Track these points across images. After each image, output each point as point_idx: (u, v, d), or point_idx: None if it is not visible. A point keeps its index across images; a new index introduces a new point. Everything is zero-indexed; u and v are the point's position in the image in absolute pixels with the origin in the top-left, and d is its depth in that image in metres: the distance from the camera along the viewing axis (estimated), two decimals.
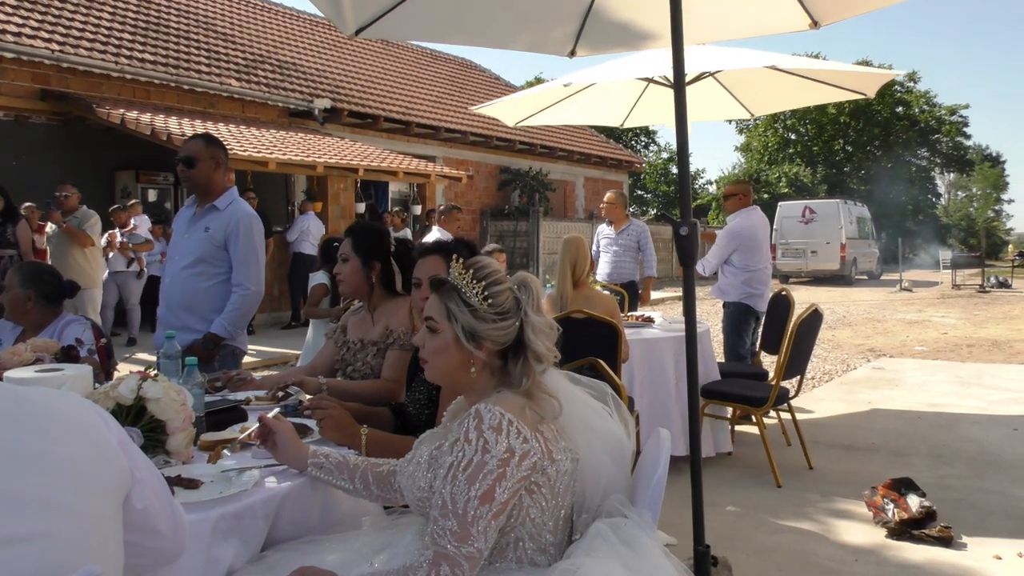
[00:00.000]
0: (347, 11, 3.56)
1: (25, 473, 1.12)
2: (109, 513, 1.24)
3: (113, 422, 1.33)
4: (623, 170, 22.82)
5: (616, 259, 6.98)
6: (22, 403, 1.20)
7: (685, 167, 2.80)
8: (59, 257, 7.40)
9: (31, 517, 1.10)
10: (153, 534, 1.36)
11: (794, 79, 5.75)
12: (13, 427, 1.15)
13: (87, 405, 1.30)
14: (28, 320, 3.24)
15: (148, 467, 1.37)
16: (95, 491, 1.20)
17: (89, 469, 1.20)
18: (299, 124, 13.21)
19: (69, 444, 1.19)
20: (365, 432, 2.19)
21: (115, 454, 1.26)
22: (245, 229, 3.59)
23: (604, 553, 1.55)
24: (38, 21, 10.37)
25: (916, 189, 39.35)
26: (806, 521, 3.93)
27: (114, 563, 1.25)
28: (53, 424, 1.20)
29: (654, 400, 4.64)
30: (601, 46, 4.30)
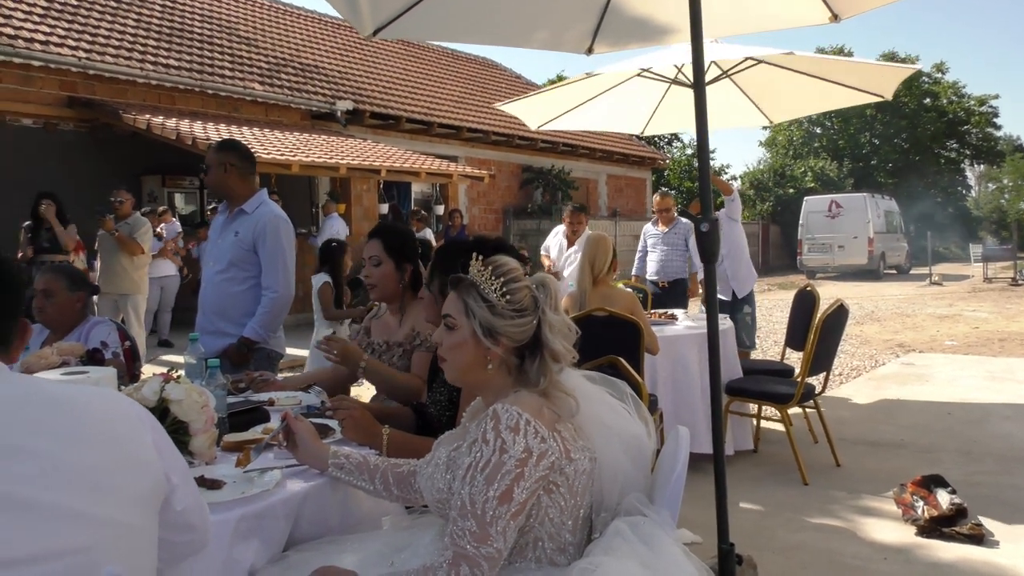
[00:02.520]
0: (364, 12, 3.57)
1: (57, 485, 1.11)
2: (142, 522, 1.23)
3: (150, 420, 1.32)
4: (646, 167, 22.72)
5: (665, 257, 7.09)
6: (59, 407, 1.18)
7: (705, 163, 2.78)
8: (108, 262, 7.48)
9: (64, 531, 1.09)
10: (186, 530, 1.38)
11: (812, 83, 5.69)
12: (47, 434, 1.14)
13: (127, 407, 1.29)
14: (68, 323, 3.25)
15: (183, 468, 1.37)
16: (130, 500, 1.20)
17: (124, 478, 1.19)
18: (322, 126, 13.29)
19: (105, 452, 1.18)
20: (387, 432, 2.20)
21: (151, 462, 1.25)
22: (272, 231, 3.60)
23: (623, 552, 1.55)
24: (65, 29, 10.52)
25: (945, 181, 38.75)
26: (832, 519, 3.89)
27: (149, 566, 1.26)
28: (88, 432, 1.18)
29: (677, 398, 4.62)
30: (619, 42, 4.28)
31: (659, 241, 7.14)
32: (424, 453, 2.00)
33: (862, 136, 37.73)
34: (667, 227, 7.12)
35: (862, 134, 37.70)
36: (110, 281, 7.42)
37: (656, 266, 7.12)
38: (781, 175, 31.51)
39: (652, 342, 4.10)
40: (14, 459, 1.09)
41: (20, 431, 1.12)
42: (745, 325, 6.06)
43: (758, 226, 27.19)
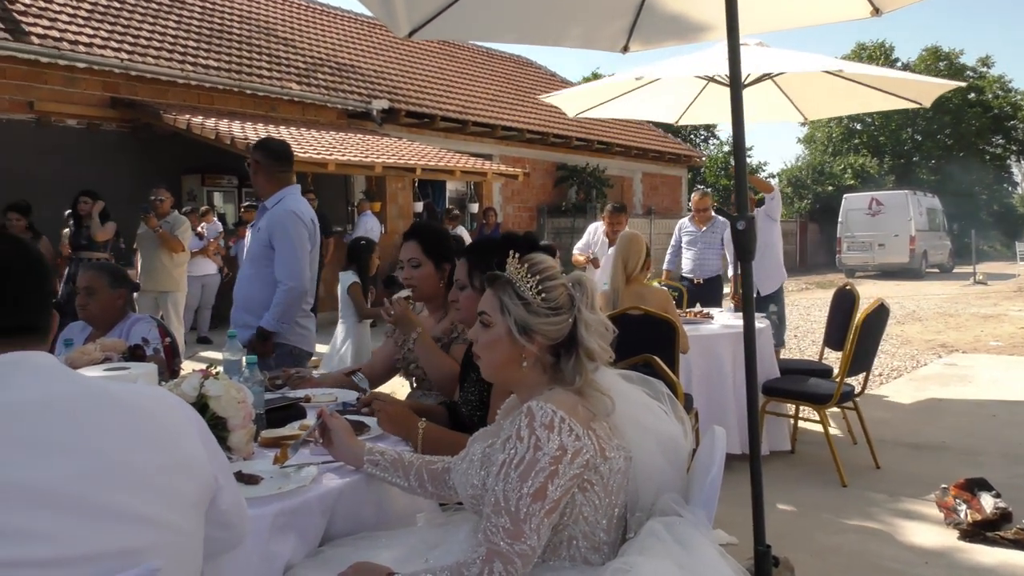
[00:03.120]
0: (399, 13, 3.59)
1: (114, 485, 1.11)
2: (193, 525, 1.24)
3: (198, 420, 1.33)
4: (682, 164, 22.54)
5: (701, 255, 7.15)
6: (115, 407, 1.19)
7: (742, 162, 2.75)
8: (148, 259, 7.60)
9: (119, 532, 1.10)
10: (225, 527, 1.39)
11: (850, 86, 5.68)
12: (105, 434, 1.15)
13: (177, 407, 1.29)
14: (110, 320, 3.31)
15: (227, 468, 1.38)
16: (182, 504, 1.21)
17: (177, 481, 1.20)
18: (357, 125, 13.40)
19: (160, 454, 1.19)
20: (422, 426, 2.22)
21: (202, 464, 1.26)
22: (282, 225, 3.70)
23: (658, 552, 1.54)
24: (108, 31, 10.74)
25: (990, 178, 37.85)
26: (871, 521, 3.83)
27: (194, 569, 1.27)
28: (145, 432, 1.19)
29: (712, 398, 4.58)
30: (654, 40, 4.24)
31: (696, 239, 7.18)
32: (458, 449, 2.02)
33: (904, 132, 37.03)
34: (704, 225, 7.16)
35: (904, 130, 37.00)
36: (151, 278, 7.56)
37: (692, 264, 7.19)
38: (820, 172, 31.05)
39: (683, 341, 4.08)
40: (69, 457, 1.09)
41: (76, 429, 1.12)
42: (772, 323, 6.02)
43: (796, 224, 26.83)
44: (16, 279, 1.20)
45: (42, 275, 1.25)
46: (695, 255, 7.18)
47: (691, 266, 7.19)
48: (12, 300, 1.20)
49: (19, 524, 1.02)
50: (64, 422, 1.12)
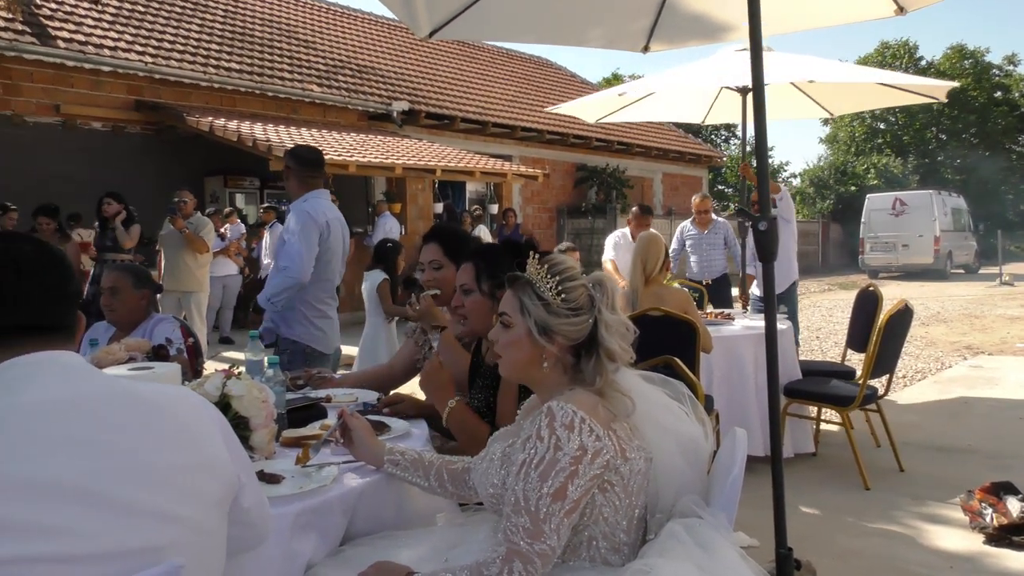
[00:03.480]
0: (420, 13, 3.61)
1: (139, 483, 1.13)
2: (216, 523, 1.26)
3: (221, 420, 1.35)
4: (703, 165, 22.43)
5: (706, 256, 7.24)
6: (140, 406, 1.21)
7: (764, 162, 2.74)
8: (171, 260, 7.68)
9: (145, 529, 1.12)
10: (247, 525, 1.40)
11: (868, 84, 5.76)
12: (130, 432, 1.16)
13: (200, 407, 1.31)
14: (134, 320, 3.35)
15: (249, 466, 1.39)
16: (205, 502, 1.22)
17: (201, 480, 1.22)
18: (378, 127, 13.45)
19: (184, 453, 1.20)
20: (453, 402, 2.30)
21: (225, 463, 1.28)
22: (293, 219, 3.85)
23: (678, 554, 1.53)
24: (132, 35, 10.87)
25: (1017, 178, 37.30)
26: (895, 525, 3.79)
27: (219, 563, 1.28)
28: (169, 431, 1.21)
29: (733, 399, 4.55)
30: (676, 40, 4.23)
31: (699, 241, 7.28)
32: (479, 437, 2.08)
33: (928, 132, 36.60)
34: (706, 228, 7.27)
35: (928, 129, 36.57)
36: (174, 279, 7.63)
37: (698, 266, 7.30)
38: (842, 172, 30.75)
39: (706, 340, 4.07)
40: (93, 455, 1.11)
41: (101, 427, 1.14)
42: None
43: (818, 225, 26.61)
44: (38, 279, 1.22)
45: (65, 276, 1.26)
46: (701, 257, 7.27)
47: (698, 268, 7.29)
48: (35, 300, 1.21)
49: (43, 521, 1.04)
50: (90, 421, 1.14)
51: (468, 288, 2.46)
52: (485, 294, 2.42)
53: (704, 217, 7.26)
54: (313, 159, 3.96)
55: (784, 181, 37.28)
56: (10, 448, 1.07)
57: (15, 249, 1.22)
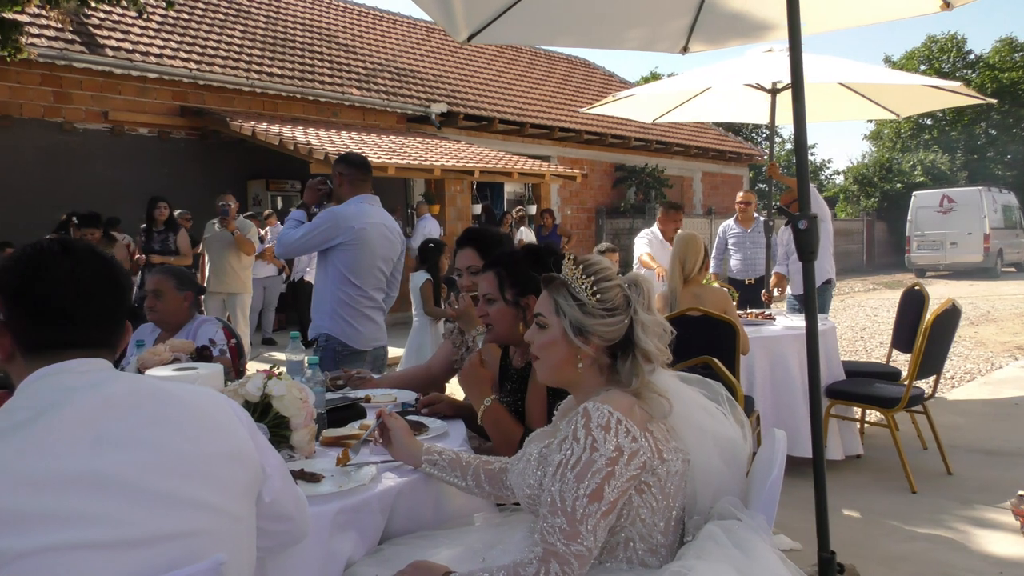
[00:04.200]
0: (459, 18, 3.63)
1: (170, 472, 1.19)
2: (245, 510, 1.31)
3: (246, 416, 1.40)
4: (743, 163, 22.17)
5: (750, 255, 7.17)
6: (167, 401, 1.27)
7: (803, 160, 2.70)
8: (217, 262, 7.81)
9: (176, 515, 1.18)
10: (281, 519, 1.44)
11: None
12: (159, 426, 1.23)
13: (224, 403, 1.37)
14: (178, 322, 3.43)
15: (275, 459, 1.44)
16: (233, 490, 1.27)
17: (229, 469, 1.27)
18: (417, 129, 13.54)
19: (210, 444, 1.26)
20: (490, 400, 2.31)
21: (250, 453, 1.33)
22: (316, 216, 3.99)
23: (716, 556, 1.52)
24: (177, 42, 11.10)
25: None
26: (943, 529, 3.70)
27: (248, 555, 1.32)
28: (195, 424, 1.27)
29: (777, 400, 4.49)
30: (716, 40, 4.19)
31: (743, 239, 7.21)
32: (513, 437, 2.14)
33: (977, 127, 35.67)
34: (749, 226, 7.22)
35: (977, 124, 35.64)
36: (219, 280, 7.77)
37: (741, 264, 7.22)
38: (888, 169, 30.12)
39: (744, 341, 4.03)
40: (129, 448, 1.18)
41: (133, 423, 1.21)
42: None
43: (863, 223, 26.12)
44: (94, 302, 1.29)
45: (119, 299, 1.33)
46: (744, 256, 7.19)
47: (740, 267, 7.21)
48: (87, 321, 1.28)
49: (85, 509, 1.11)
50: (124, 418, 1.20)
51: (491, 297, 2.47)
52: (508, 302, 2.43)
53: (747, 213, 7.20)
54: (362, 163, 4.10)
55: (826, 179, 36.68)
56: (51, 446, 1.14)
57: (79, 269, 1.28)
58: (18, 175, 9.07)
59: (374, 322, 4.07)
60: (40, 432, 1.15)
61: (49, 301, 1.25)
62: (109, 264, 1.32)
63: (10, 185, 8.94)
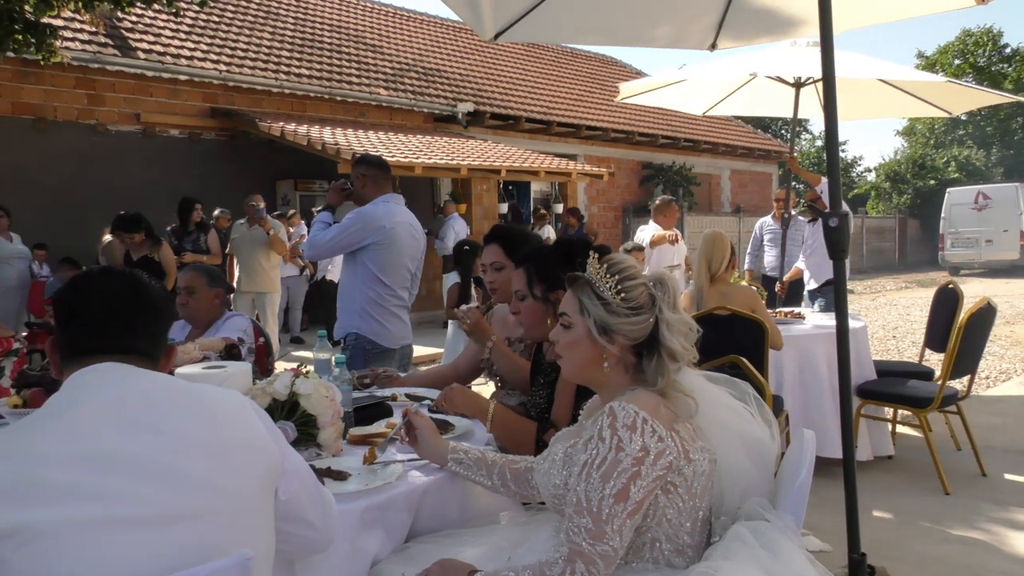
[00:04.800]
0: (485, 16, 3.63)
1: (189, 455, 1.26)
2: (261, 498, 1.36)
3: (266, 417, 1.45)
4: (772, 160, 21.95)
5: (785, 251, 7.04)
6: (187, 393, 1.36)
7: (834, 156, 2.67)
8: (246, 262, 7.88)
9: (194, 495, 1.24)
10: (301, 523, 1.47)
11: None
12: (179, 413, 1.31)
13: (243, 400, 1.44)
14: (208, 318, 3.48)
15: (297, 461, 1.48)
16: (248, 475, 1.33)
17: (244, 454, 1.34)
18: (443, 128, 13.58)
19: (227, 430, 1.34)
20: (493, 406, 2.32)
21: (267, 444, 1.39)
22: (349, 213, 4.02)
23: (743, 557, 1.50)
24: (207, 45, 11.23)
25: None
26: (976, 531, 3.64)
27: (264, 547, 1.36)
28: (213, 412, 1.35)
29: (806, 400, 4.45)
30: (744, 36, 4.15)
31: (778, 236, 7.15)
32: (526, 435, 2.16)
33: (1014, 121, 34.99)
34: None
35: (1014, 119, 34.97)
36: (249, 280, 7.84)
37: (776, 261, 7.15)
38: (921, 166, 29.66)
39: (777, 337, 3.99)
40: (149, 432, 1.26)
41: (154, 410, 1.30)
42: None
43: (895, 220, 25.76)
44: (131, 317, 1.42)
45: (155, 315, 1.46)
46: (778, 253, 7.08)
47: (775, 264, 7.15)
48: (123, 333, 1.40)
49: (104, 485, 1.19)
50: (146, 405, 1.31)
51: (522, 294, 2.49)
52: (539, 299, 2.44)
53: (782, 208, 7.14)
54: (382, 163, 4.14)
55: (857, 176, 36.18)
56: (75, 429, 1.24)
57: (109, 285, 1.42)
58: (53, 176, 9.23)
59: (402, 320, 4.10)
60: (67, 418, 1.25)
61: (79, 312, 1.40)
62: (139, 285, 1.45)
63: (45, 186, 9.10)
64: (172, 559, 1.18)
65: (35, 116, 9.21)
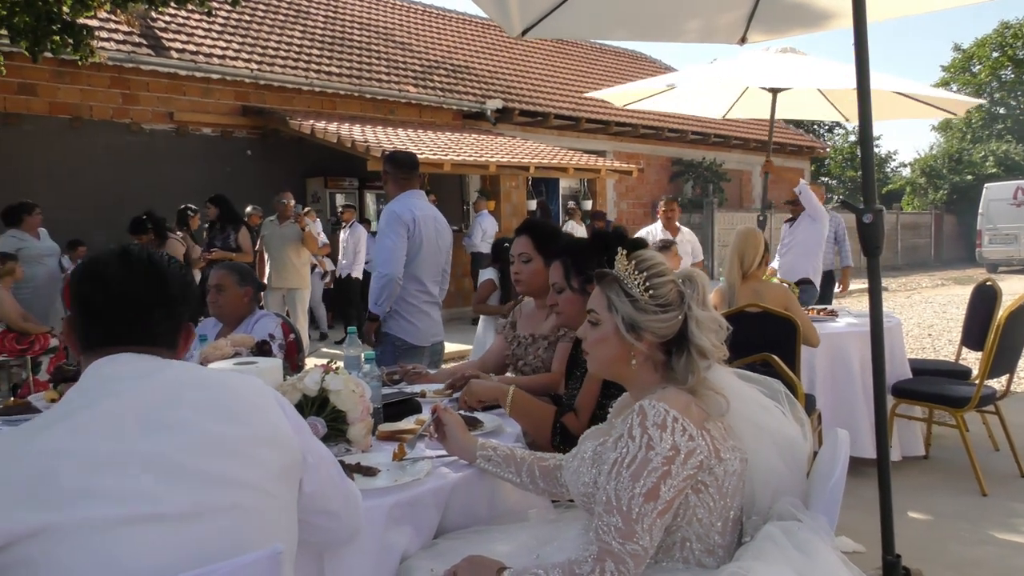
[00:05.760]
0: (513, 13, 3.62)
1: (208, 452, 1.25)
2: (284, 492, 1.35)
3: (291, 409, 1.44)
4: (804, 156, 21.68)
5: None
6: (207, 387, 1.34)
7: (869, 151, 2.63)
8: (277, 259, 7.95)
9: (213, 493, 1.23)
10: (325, 514, 1.47)
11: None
12: (198, 409, 1.29)
13: (266, 391, 1.42)
14: (238, 316, 3.51)
15: (321, 453, 1.47)
16: (269, 470, 1.32)
17: (265, 450, 1.32)
18: (472, 125, 13.60)
19: (247, 425, 1.32)
20: (512, 391, 2.36)
21: (289, 438, 1.38)
22: (380, 221, 4.08)
23: (775, 558, 1.48)
24: (239, 44, 11.35)
25: None
26: (1015, 534, 3.56)
27: (288, 540, 1.36)
28: (234, 406, 1.33)
29: (838, 399, 4.38)
30: (775, 29, 4.10)
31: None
32: (545, 420, 2.22)
33: None
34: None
35: None
36: (280, 276, 7.91)
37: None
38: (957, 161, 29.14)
39: (812, 334, 3.94)
40: (170, 431, 1.24)
41: (174, 408, 1.28)
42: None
43: (930, 216, 25.33)
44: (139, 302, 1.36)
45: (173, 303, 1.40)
46: None
47: None
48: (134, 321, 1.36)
49: (125, 486, 1.18)
50: (167, 403, 1.28)
51: (560, 287, 2.53)
52: (576, 290, 2.47)
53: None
54: (407, 162, 4.14)
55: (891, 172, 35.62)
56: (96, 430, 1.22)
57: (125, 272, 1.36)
58: (88, 175, 9.39)
59: (431, 317, 4.11)
60: (87, 417, 1.23)
61: (93, 302, 1.35)
62: (161, 271, 1.39)
63: (81, 184, 9.26)
64: (194, 556, 1.18)
65: (71, 115, 9.37)
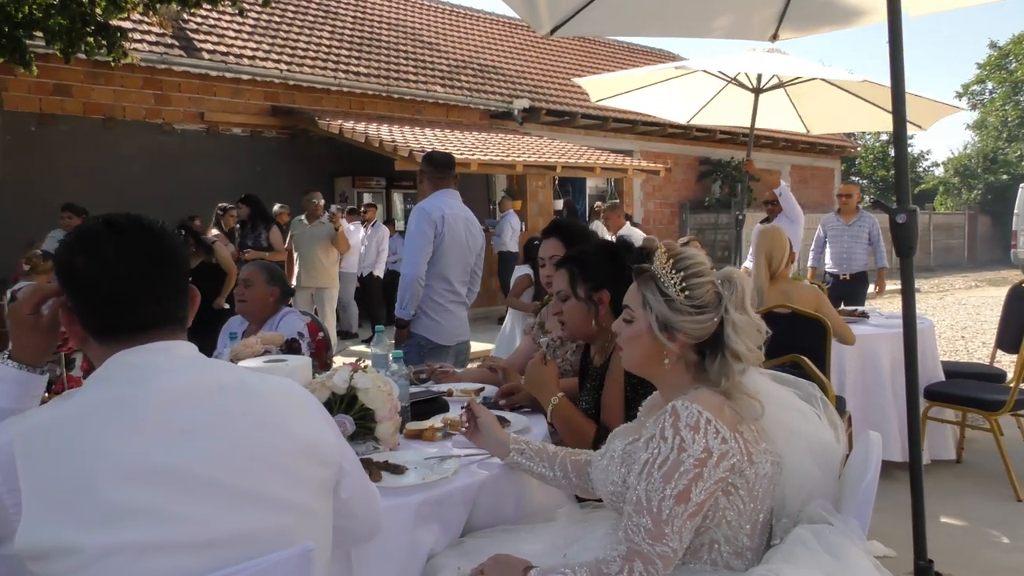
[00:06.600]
0: (542, 11, 3.62)
1: (243, 467, 1.18)
2: (321, 506, 1.31)
3: (326, 413, 1.41)
4: (834, 155, 21.43)
5: (847, 248, 7.05)
6: (247, 395, 1.25)
7: (903, 150, 2.59)
8: (306, 257, 8.02)
9: (248, 513, 1.17)
10: (351, 517, 1.45)
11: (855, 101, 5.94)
12: (234, 419, 1.22)
13: (306, 398, 1.36)
14: (265, 315, 3.55)
15: (352, 456, 1.45)
16: (308, 486, 1.27)
17: (303, 464, 1.26)
18: (499, 125, 13.61)
19: (286, 438, 1.25)
20: (557, 398, 2.31)
21: (330, 449, 1.32)
22: (409, 220, 4.08)
23: (805, 561, 1.47)
24: (269, 45, 11.46)
25: None
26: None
27: (323, 550, 1.33)
28: (276, 418, 1.26)
29: (868, 401, 4.32)
30: (807, 26, 4.06)
31: (841, 232, 7.07)
32: (583, 435, 2.17)
33: None
34: (850, 220, 7.07)
35: None
36: (309, 275, 7.98)
37: (837, 258, 7.07)
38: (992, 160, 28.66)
39: (846, 333, 3.90)
40: (202, 441, 1.16)
41: (217, 415, 1.20)
42: None
43: (964, 217, 24.92)
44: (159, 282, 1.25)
45: (180, 273, 1.30)
46: (840, 249, 7.03)
47: (836, 260, 7.06)
48: (154, 301, 1.25)
49: (154, 506, 1.09)
50: (207, 409, 1.19)
51: (565, 295, 2.46)
52: (581, 299, 2.41)
53: (848, 205, 7.08)
54: (442, 161, 4.18)
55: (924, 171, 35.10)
56: (138, 435, 1.13)
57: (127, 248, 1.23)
58: (121, 174, 9.52)
59: (457, 317, 4.11)
60: (112, 420, 1.14)
61: (101, 287, 1.21)
62: (158, 237, 1.27)
63: (113, 184, 9.39)
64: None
65: (105, 116, 9.52)
